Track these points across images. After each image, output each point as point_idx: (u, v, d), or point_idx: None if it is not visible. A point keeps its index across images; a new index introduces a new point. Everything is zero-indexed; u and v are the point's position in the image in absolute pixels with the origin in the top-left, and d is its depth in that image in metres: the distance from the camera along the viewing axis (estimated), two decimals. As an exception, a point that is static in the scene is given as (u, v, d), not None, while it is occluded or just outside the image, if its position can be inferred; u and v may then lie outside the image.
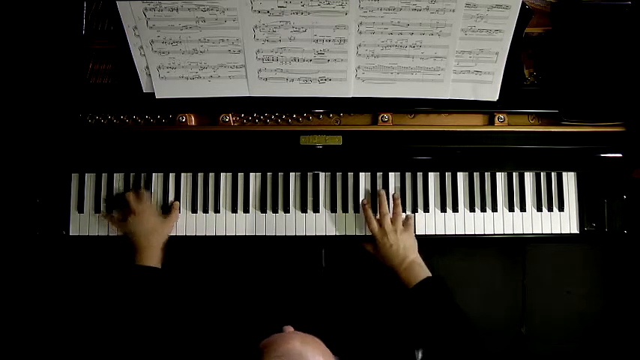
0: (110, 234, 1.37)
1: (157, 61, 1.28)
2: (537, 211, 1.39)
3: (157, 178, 1.39)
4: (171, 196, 1.38)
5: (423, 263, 1.30)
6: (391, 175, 1.40)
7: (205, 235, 1.37)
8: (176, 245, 1.37)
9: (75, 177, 1.39)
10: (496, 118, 1.34)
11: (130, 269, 1.29)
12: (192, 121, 1.36)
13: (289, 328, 1.08)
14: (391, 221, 1.33)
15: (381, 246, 1.32)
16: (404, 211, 1.36)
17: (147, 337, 1.21)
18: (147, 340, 1.21)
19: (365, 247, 1.37)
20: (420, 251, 1.33)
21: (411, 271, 1.28)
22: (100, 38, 1.38)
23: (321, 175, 1.39)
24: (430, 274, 1.28)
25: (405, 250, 1.30)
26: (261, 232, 1.37)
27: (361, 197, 1.38)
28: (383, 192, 1.36)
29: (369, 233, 1.36)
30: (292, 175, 1.39)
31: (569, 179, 1.39)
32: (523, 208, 1.38)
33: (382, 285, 1.69)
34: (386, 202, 1.35)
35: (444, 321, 1.23)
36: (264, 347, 0.98)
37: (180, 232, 1.38)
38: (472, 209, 1.38)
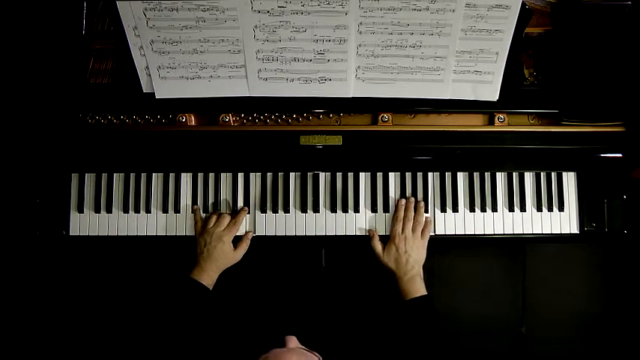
0: (110, 234, 1.38)
1: (157, 61, 1.28)
2: (537, 211, 1.39)
3: (156, 178, 1.40)
4: (171, 196, 1.38)
5: (423, 280, 1.31)
6: (391, 175, 1.40)
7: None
8: (174, 245, 1.38)
9: (75, 177, 1.39)
10: (496, 118, 1.34)
11: (184, 281, 1.28)
12: (192, 121, 1.36)
13: (292, 341, 1.05)
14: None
15: (394, 249, 1.31)
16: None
17: (168, 344, 1.21)
18: (163, 347, 1.21)
19: (373, 240, 1.35)
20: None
21: (412, 283, 1.29)
22: (100, 38, 1.38)
23: (321, 175, 1.39)
24: (426, 293, 1.29)
25: (415, 261, 1.31)
26: (261, 232, 1.37)
27: (361, 197, 1.38)
28: (412, 199, 1.36)
29: (368, 234, 1.36)
30: (292, 175, 1.39)
31: (569, 179, 1.39)
32: (523, 208, 1.38)
33: (382, 285, 1.69)
34: (413, 209, 1.35)
35: (431, 338, 1.24)
36: None
37: (181, 232, 1.38)
38: (472, 209, 1.38)
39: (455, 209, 1.38)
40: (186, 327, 1.23)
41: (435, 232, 1.37)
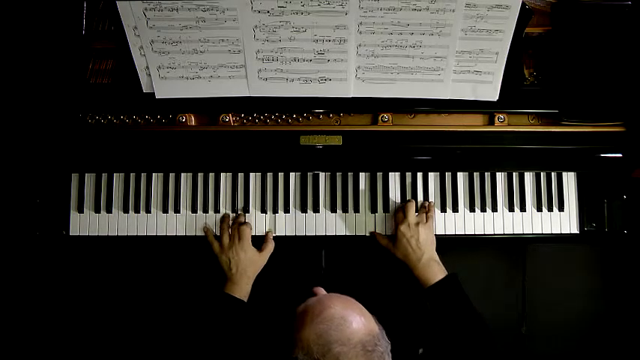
0: (110, 234, 1.38)
1: (157, 61, 1.28)
2: (537, 211, 1.39)
3: (156, 178, 1.39)
4: (171, 196, 1.38)
5: (440, 262, 1.29)
6: (391, 175, 1.40)
7: (205, 236, 1.37)
8: (174, 245, 1.38)
9: (75, 177, 1.39)
10: (496, 118, 1.34)
11: (220, 296, 1.28)
12: (192, 121, 1.36)
13: (321, 290, 1.06)
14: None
15: (401, 237, 1.30)
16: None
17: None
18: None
19: (379, 240, 1.36)
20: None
21: (428, 268, 1.27)
22: (100, 38, 1.38)
23: (321, 175, 1.39)
24: (447, 273, 1.27)
25: (423, 244, 1.29)
26: (261, 232, 1.37)
27: (361, 197, 1.38)
28: (413, 201, 1.36)
29: (368, 234, 1.37)
30: (292, 175, 1.39)
31: (569, 179, 1.39)
32: (523, 208, 1.38)
33: (383, 285, 1.69)
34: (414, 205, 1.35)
35: (460, 321, 1.23)
36: (304, 313, 0.96)
37: (180, 232, 1.38)
38: (472, 209, 1.38)
39: (455, 209, 1.38)
40: (227, 343, 1.23)
41: (435, 232, 1.37)
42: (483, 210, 1.39)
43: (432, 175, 1.40)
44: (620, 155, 1.33)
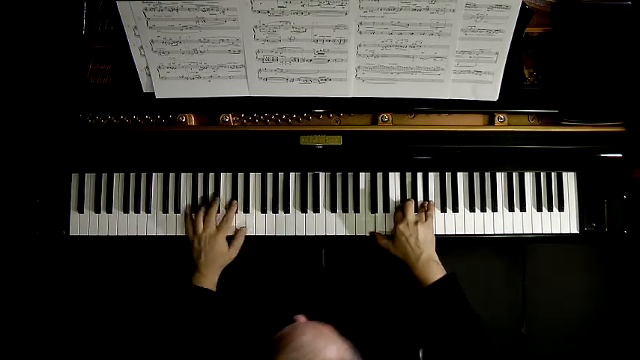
0: (110, 234, 1.38)
1: (157, 61, 1.28)
2: (537, 211, 1.39)
3: (156, 178, 1.40)
4: (171, 196, 1.38)
5: (439, 262, 1.29)
6: (391, 175, 1.40)
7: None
8: (174, 245, 1.38)
9: (75, 177, 1.39)
10: (496, 118, 1.34)
11: (187, 288, 1.28)
12: (192, 121, 1.36)
13: (301, 318, 1.09)
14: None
15: (400, 236, 1.30)
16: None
17: (178, 351, 1.22)
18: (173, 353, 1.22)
19: (379, 240, 1.36)
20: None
21: (427, 267, 1.27)
22: (100, 38, 1.38)
23: (321, 175, 1.39)
24: (446, 273, 1.28)
25: (423, 243, 1.29)
26: (261, 232, 1.37)
27: (361, 197, 1.38)
28: (412, 200, 1.36)
29: (368, 234, 1.37)
30: (292, 175, 1.39)
31: (569, 179, 1.39)
32: (523, 208, 1.38)
33: (383, 285, 1.69)
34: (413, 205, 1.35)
35: (457, 321, 1.23)
36: (278, 341, 1.00)
37: (181, 233, 1.38)
38: (472, 209, 1.38)
39: (455, 209, 1.38)
40: (197, 332, 1.23)
41: (435, 232, 1.36)
42: (483, 210, 1.39)
43: (432, 175, 1.40)
44: (620, 155, 1.33)
